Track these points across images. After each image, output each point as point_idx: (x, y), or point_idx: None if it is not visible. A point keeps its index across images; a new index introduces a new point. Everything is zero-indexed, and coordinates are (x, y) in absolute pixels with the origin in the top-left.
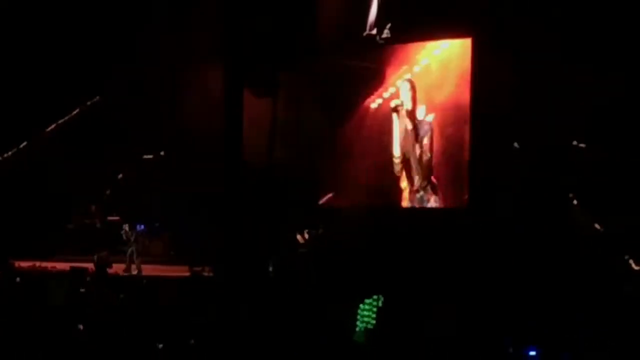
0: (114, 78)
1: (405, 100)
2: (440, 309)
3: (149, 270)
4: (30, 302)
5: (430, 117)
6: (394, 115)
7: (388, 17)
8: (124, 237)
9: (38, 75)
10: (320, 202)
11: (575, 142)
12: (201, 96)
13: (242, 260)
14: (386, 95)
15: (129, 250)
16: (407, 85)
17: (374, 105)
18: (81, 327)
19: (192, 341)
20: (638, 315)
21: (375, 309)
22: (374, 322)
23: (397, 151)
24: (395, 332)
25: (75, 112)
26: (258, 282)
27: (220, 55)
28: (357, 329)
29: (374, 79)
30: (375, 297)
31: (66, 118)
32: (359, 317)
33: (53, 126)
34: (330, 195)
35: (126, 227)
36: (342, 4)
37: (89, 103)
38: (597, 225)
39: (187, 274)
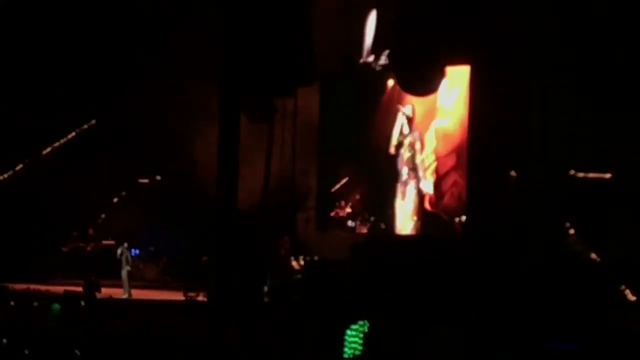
0: (110, 103)
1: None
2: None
3: (143, 294)
4: (25, 325)
5: None
6: None
7: (385, 44)
8: (121, 259)
9: (34, 98)
10: (334, 189)
11: (572, 172)
12: (196, 122)
13: (236, 286)
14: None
15: (124, 273)
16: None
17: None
18: (78, 352)
19: None
20: (630, 344)
21: (361, 335)
22: (361, 347)
23: None
24: (383, 357)
25: (71, 136)
26: (252, 307)
27: (216, 79)
28: (345, 355)
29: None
30: (360, 323)
31: (62, 141)
32: (346, 343)
33: (49, 149)
34: (345, 180)
35: (121, 249)
36: (339, 30)
37: (85, 127)
38: (593, 255)
39: (182, 298)
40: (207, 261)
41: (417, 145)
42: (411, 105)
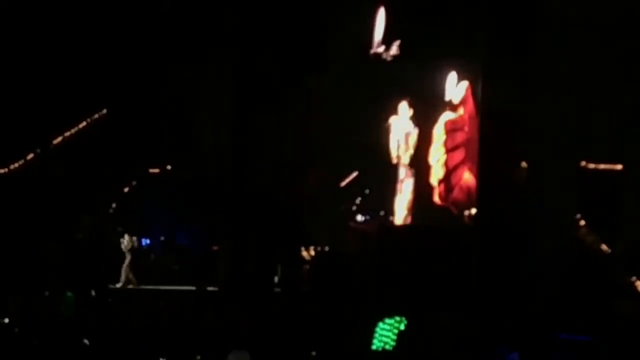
0: (121, 92)
1: None
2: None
3: (153, 283)
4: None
5: None
6: None
7: (396, 34)
8: (124, 248)
9: (45, 87)
10: (344, 183)
11: (584, 163)
12: (210, 112)
13: (246, 275)
14: None
15: (127, 262)
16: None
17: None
18: (86, 341)
19: (199, 357)
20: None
21: (396, 331)
22: (393, 343)
23: None
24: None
25: (82, 125)
26: (263, 296)
27: (231, 72)
28: (374, 347)
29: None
30: (397, 318)
31: (73, 131)
32: (376, 334)
33: (60, 139)
34: (355, 174)
35: (126, 238)
36: (350, 21)
37: (96, 116)
38: (604, 246)
39: (192, 288)
40: (218, 251)
41: (411, 141)
42: (405, 101)
